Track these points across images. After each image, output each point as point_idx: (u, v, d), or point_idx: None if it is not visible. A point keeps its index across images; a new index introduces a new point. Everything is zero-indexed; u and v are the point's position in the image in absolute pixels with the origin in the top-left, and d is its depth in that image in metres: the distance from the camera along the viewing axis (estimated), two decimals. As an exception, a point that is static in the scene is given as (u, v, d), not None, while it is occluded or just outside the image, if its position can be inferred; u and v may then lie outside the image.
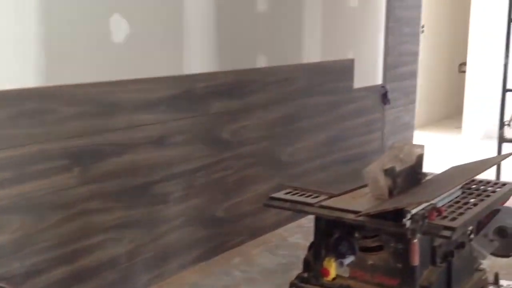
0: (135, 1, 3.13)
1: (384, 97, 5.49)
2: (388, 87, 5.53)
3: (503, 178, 4.94)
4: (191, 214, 3.63)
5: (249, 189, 4.04)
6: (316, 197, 2.54)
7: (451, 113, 9.25)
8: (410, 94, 6.12)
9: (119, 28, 3.03)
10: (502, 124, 5.26)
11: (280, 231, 4.33)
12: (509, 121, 5.21)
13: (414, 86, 6.21)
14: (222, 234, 3.89)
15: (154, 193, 3.37)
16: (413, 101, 6.21)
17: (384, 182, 2.37)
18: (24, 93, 2.65)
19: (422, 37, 6.47)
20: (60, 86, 2.79)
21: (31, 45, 2.66)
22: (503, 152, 5.10)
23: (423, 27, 6.61)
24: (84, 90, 2.91)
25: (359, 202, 2.43)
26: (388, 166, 2.37)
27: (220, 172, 3.80)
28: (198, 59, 3.54)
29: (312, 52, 4.53)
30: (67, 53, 2.81)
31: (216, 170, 3.77)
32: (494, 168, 5.08)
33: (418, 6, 6.01)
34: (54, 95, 2.78)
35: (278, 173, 4.27)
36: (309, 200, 2.53)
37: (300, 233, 4.22)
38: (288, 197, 2.61)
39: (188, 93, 3.48)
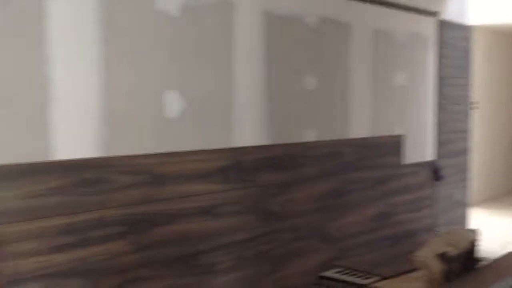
0: (189, 78, 3.35)
1: (436, 173, 5.49)
2: (440, 163, 5.53)
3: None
4: (239, 285, 3.67)
5: (298, 263, 4.07)
6: (367, 278, 2.52)
7: (506, 190, 9.03)
8: (463, 170, 6.08)
9: (173, 103, 3.26)
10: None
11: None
12: None
13: (467, 163, 6.17)
14: (270, 307, 3.89)
15: (202, 263, 3.45)
16: (466, 178, 6.15)
17: (437, 268, 2.34)
18: (84, 163, 2.86)
19: (475, 113, 6.48)
20: (117, 157, 2.99)
21: (92, 119, 2.89)
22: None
23: (474, 104, 6.64)
24: (139, 161, 3.10)
25: (412, 287, 2.39)
26: (440, 251, 2.34)
27: (269, 244, 3.87)
28: (247, 132, 3.71)
29: (361, 127, 4.64)
30: (124, 126, 3.03)
31: (265, 242, 3.83)
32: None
33: (467, 85, 6.09)
34: (111, 165, 2.97)
35: (326, 247, 4.29)
36: (360, 281, 2.52)
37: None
38: (338, 276, 2.60)
39: (238, 164, 3.63)
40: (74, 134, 2.82)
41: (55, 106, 2.73)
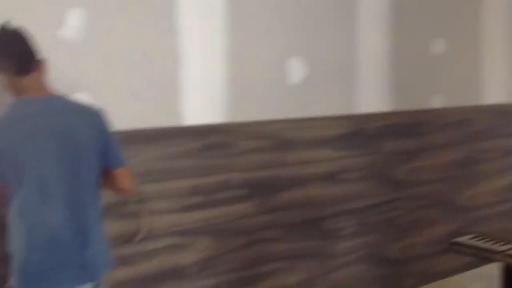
0: (312, 44, 3.37)
1: None
2: None
3: None
4: (362, 251, 3.68)
5: (423, 232, 3.99)
6: (504, 245, 2.43)
7: None
8: None
9: (296, 69, 3.31)
10: None
11: (457, 278, 4.16)
12: None
13: None
14: (393, 275, 3.86)
15: (326, 228, 3.50)
16: None
17: None
18: (211, 128, 3.00)
19: None
20: (242, 123, 3.11)
21: (218, 86, 3.02)
22: None
23: None
24: (263, 127, 3.19)
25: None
26: None
27: (393, 211, 3.82)
28: (371, 99, 3.66)
29: (495, 92, 4.39)
30: (248, 92, 3.13)
31: (388, 209, 3.79)
32: None
33: None
34: (236, 130, 3.10)
35: (455, 216, 4.15)
36: (496, 247, 2.43)
37: (481, 281, 4.02)
38: (473, 243, 2.53)
39: (360, 131, 3.61)
40: (202, 101, 2.97)
41: (185, 74, 2.89)
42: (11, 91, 2.14)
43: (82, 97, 2.48)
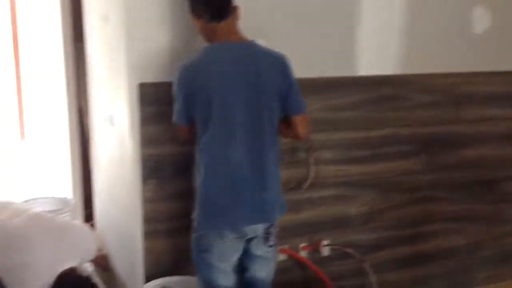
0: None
1: None
2: None
3: None
4: (539, 219, 3.41)
5: None
6: None
7: None
8: None
9: (480, 20, 3.07)
10: None
11: None
12: None
13: None
14: None
15: (499, 191, 3.29)
16: None
17: None
18: (384, 80, 2.91)
19: None
20: (415, 75, 2.98)
21: (394, 35, 2.90)
22: None
23: None
24: (437, 80, 3.03)
25: None
26: None
27: None
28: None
29: None
30: (425, 44, 2.97)
31: None
32: None
33: None
34: (409, 83, 2.97)
35: None
36: None
37: None
38: None
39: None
40: (377, 51, 2.87)
41: (361, 24, 2.81)
42: (204, 36, 2.26)
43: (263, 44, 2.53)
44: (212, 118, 2.15)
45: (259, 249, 2.30)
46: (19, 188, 4.59)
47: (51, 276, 2.38)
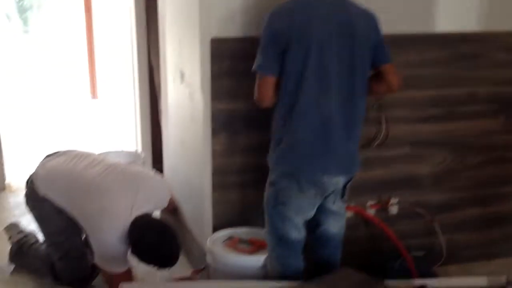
0: None
1: None
2: None
3: None
4: None
5: None
6: None
7: None
8: None
9: None
10: None
11: None
12: None
13: None
14: None
15: None
16: None
17: None
18: (462, 37, 2.78)
19: None
20: (496, 33, 2.83)
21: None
22: None
23: None
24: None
25: None
26: None
27: None
28: None
29: None
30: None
31: None
32: None
33: None
34: (489, 41, 2.83)
35: None
36: None
37: None
38: None
39: None
40: (457, 7, 2.74)
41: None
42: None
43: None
44: (307, 67, 2.13)
45: (335, 204, 2.33)
46: (92, 145, 4.78)
47: (127, 221, 2.48)
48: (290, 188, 2.23)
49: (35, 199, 2.73)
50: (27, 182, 2.79)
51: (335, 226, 2.39)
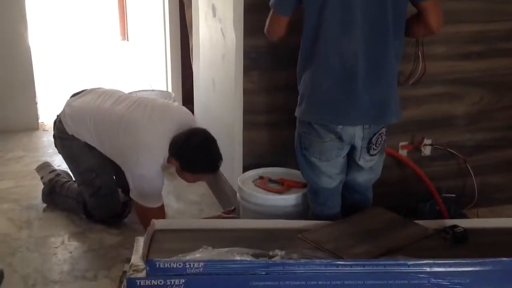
0: None
1: None
2: None
3: None
4: None
5: None
6: None
7: None
8: None
9: None
10: None
11: None
12: None
13: None
14: None
15: None
16: None
17: None
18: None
19: None
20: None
21: None
22: None
23: None
24: None
25: None
26: None
27: None
28: None
29: None
30: None
31: None
32: None
33: None
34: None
35: None
36: None
37: None
38: None
39: None
40: None
41: None
42: None
43: None
44: (327, 2, 1.96)
45: (361, 158, 2.21)
46: (123, 86, 4.77)
47: (164, 149, 2.49)
48: (309, 133, 2.15)
49: (64, 138, 2.74)
50: (55, 122, 2.80)
51: (361, 177, 2.30)
